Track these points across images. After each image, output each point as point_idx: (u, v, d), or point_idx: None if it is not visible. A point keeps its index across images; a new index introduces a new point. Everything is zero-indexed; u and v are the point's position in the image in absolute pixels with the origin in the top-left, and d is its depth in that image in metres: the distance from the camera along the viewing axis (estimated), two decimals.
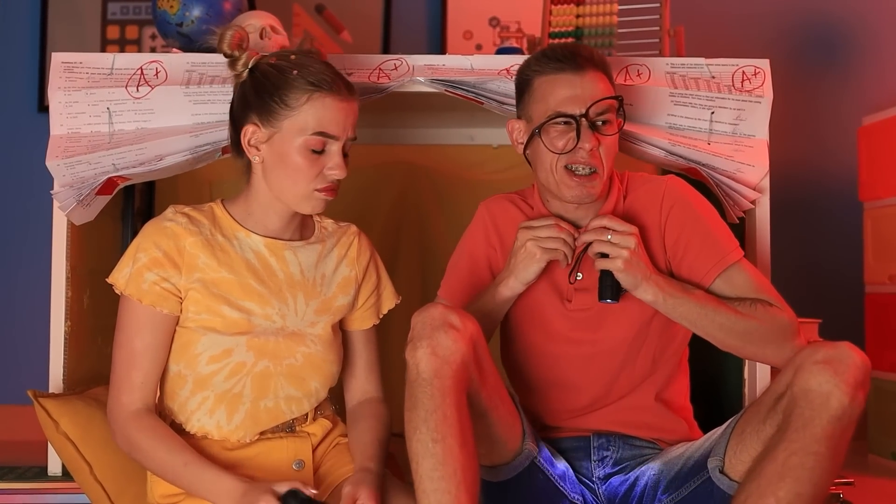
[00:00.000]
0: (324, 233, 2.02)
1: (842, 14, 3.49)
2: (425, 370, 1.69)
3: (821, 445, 1.63)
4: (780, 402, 1.72)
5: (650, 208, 1.98)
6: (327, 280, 1.98)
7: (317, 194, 1.88)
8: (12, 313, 3.31)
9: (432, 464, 1.64)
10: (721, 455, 1.81)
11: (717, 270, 1.92)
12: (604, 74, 1.94)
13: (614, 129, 1.94)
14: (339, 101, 1.86)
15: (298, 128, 1.85)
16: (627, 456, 1.98)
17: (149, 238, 1.87)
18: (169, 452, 1.80)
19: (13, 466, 2.38)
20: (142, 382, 1.85)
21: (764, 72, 2.26)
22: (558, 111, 1.90)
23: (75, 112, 2.21)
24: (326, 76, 1.86)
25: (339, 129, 1.86)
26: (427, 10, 3.46)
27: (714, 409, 2.35)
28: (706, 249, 1.94)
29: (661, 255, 1.96)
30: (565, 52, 1.93)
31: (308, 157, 1.86)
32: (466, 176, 3.06)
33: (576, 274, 1.95)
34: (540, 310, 1.99)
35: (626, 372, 1.98)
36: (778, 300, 1.92)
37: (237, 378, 1.86)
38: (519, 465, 1.89)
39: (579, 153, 1.89)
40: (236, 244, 1.91)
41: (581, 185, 1.91)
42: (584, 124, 1.89)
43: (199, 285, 1.86)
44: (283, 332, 1.90)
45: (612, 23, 2.48)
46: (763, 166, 2.22)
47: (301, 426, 1.93)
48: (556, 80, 1.91)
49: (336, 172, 1.87)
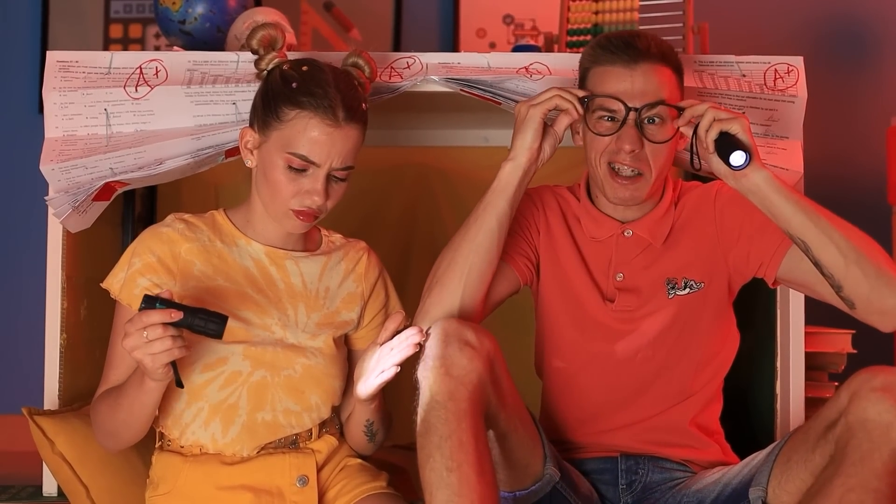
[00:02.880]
0: (331, 246, 1.99)
1: (870, 11, 3.43)
2: (439, 392, 1.60)
3: (881, 482, 1.53)
4: (832, 430, 1.62)
5: (702, 211, 1.94)
6: (331, 293, 1.94)
7: (291, 215, 1.83)
8: (10, 322, 3.27)
9: (447, 495, 1.55)
10: (764, 484, 1.71)
11: (784, 249, 1.85)
12: (664, 67, 1.85)
13: (665, 134, 1.85)
14: (327, 126, 1.78)
15: (283, 143, 1.80)
16: (657, 480, 1.90)
17: (144, 243, 1.86)
18: (108, 397, 1.80)
19: (7, 486, 2.35)
20: (115, 380, 1.83)
21: (798, 70, 2.17)
22: (602, 104, 1.84)
23: (71, 113, 2.16)
24: (323, 97, 1.79)
25: (320, 155, 1.79)
26: (439, 7, 3.42)
27: (744, 424, 2.28)
28: (767, 234, 1.87)
29: (716, 259, 1.91)
30: (619, 42, 1.86)
31: (286, 175, 1.80)
32: (481, 178, 2.95)
33: (696, 159, 1.84)
34: (580, 305, 1.94)
35: (662, 380, 1.91)
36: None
37: (232, 388, 1.83)
38: (540, 491, 1.81)
39: (621, 153, 1.83)
40: (236, 251, 1.89)
41: (623, 186, 1.86)
42: (629, 121, 1.82)
43: (194, 293, 1.83)
44: (282, 342, 1.87)
45: (633, 19, 2.43)
46: (797, 169, 2.14)
47: (305, 443, 1.89)
48: (607, 72, 1.85)
49: (311, 198, 1.81)
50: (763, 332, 2.22)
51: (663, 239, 1.93)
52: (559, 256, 1.97)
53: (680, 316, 1.90)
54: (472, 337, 1.66)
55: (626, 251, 1.93)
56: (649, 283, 1.92)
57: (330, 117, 1.78)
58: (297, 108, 1.79)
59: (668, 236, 1.93)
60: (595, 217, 1.96)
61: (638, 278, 1.91)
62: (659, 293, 1.91)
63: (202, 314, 1.64)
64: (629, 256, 1.93)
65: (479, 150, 2.96)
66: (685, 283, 1.91)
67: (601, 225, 1.95)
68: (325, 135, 1.78)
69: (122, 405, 1.76)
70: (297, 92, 1.79)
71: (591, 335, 1.93)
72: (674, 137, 1.86)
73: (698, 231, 1.92)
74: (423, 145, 2.94)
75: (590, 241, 1.96)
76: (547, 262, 1.98)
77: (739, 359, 1.98)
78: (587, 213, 1.97)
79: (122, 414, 1.77)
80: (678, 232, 1.94)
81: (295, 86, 1.80)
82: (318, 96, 1.78)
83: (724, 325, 1.96)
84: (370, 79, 1.97)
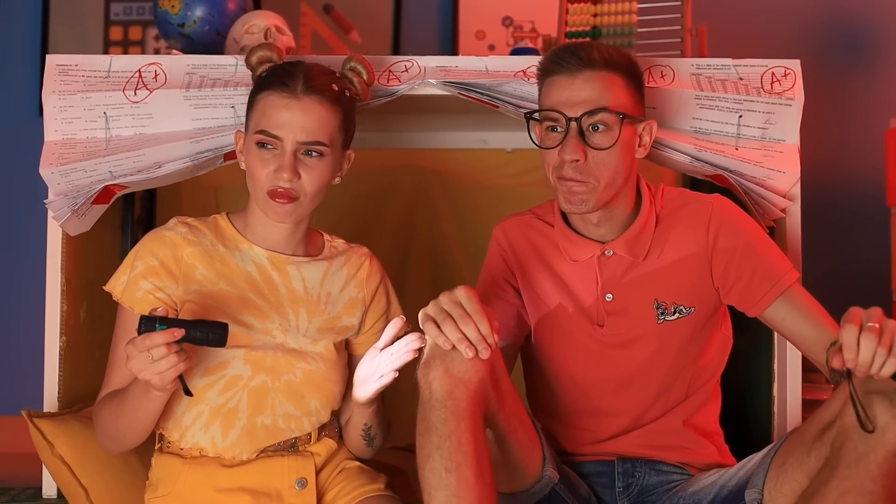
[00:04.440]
0: (333, 251, 1.99)
1: (867, 14, 3.41)
2: (438, 390, 1.59)
3: (876, 484, 1.52)
4: (827, 432, 1.61)
5: (694, 234, 1.88)
6: (333, 299, 1.94)
7: (268, 199, 1.83)
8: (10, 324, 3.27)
9: (446, 496, 1.54)
10: (760, 486, 1.70)
11: (768, 300, 1.85)
12: (610, 74, 1.81)
13: (609, 140, 1.81)
14: (284, 97, 1.81)
15: (252, 127, 1.85)
16: (654, 483, 1.90)
17: (147, 247, 1.86)
18: (111, 401, 1.79)
19: (6, 488, 2.34)
20: (118, 383, 1.82)
21: (794, 73, 2.17)
22: (546, 116, 1.82)
23: (70, 117, 2.16)
24: (283, 76, 1.83)
25: (281, 128, 1.81)
26: (438, 9, 3.41)
27: (741, 426, 2.27)
28: (757, 278, 1.85)
29: (706, 283, 1.88)
30: (565, 52, 1.83)
31: (258, 157, 1.83)
32: (480, 180, 3.01)
33: (862, 413, 1.56)
34: (570, 336, 1.91)
35: (661, 400, 1.90)
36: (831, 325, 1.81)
37: (232, 392, 1.82)
38: (539, 493, 1.80)
39: (564, 164, 1.80)
40: (238, 256, 1.89)
41: (570, 189, 1.81)
42: (571, 131, 1.79)
43: (196, 297, 1.83)
44: (282, 347, 1.86)
45: (632, 21, 2.41)
46: (794, 173, 2.14)
47: (304, 446, 1.89)
48: (553, 82, 1.83)
49: (281, 175, 1.81)
50: (760, 335, 2.21)
51: (644, 255, 1.88)
52: (538, 293, 1.94)
53: (672, 341, 1.87)
54: None
55: (611, 271, 1.89)
56: (638, 305, 1.88)
57: (286, 90, 1.81)
58: (259, 90, 1.85)
59: (650, 251, 1.89)
60: (573, 239, 1.91)
61: (627, 299, 1.87)
62: (648, 316, 1.87)
63: (202, 326, 1.64)
64: (615, 275, 1.89)
65: (478, 153, 2.95)
66: (675, 309, 1.88)
67: (580, 247, 1.90)
68: (283, 106, 1.81)
69: (126, 411, 1.76)
70: (265, 79, 1.86)
71: (585, 364, 1.91)
72: (617, 143, 1.81)
73: (688, 251, 1.88)
74: (421, 147, 2.93)
75: (571, 264, 1.92)
76: (529, 302, 1.96)
77: (737, 361, 1.97)
78: (564, 237, 1.92)
79: (126, 419, 1.77)
80: (664, 247, 1.89)
81: (264, 75, 1.87)
82: (279, 75, 1.84)
83: (717, 332, 1.95)
84: (368, 83, 1.98)
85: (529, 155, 1.92)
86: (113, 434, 1.83)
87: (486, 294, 1.96)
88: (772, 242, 1.93)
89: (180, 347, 1.63)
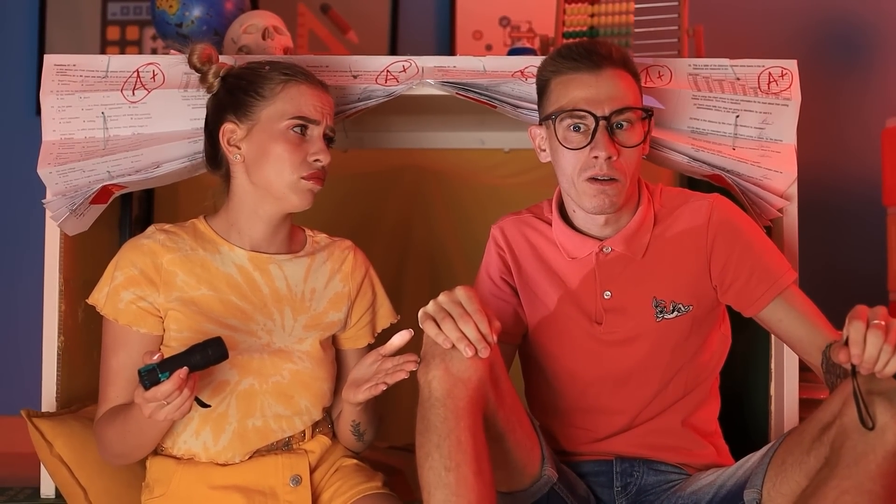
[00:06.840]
0: (315, 246, 1.98)
1: (864, 13, 3.41)
2: (438, 389, 1.59)
3: (875, 484, 1.51)
4: (826, 432, 1.61)
5: (693, 231, 1.88)
6: (317, 295, 1.93)
7: (303, 182, 1.85)
8: (8, 324, 3.27)
9: (445, 495, 1.55)
10: (758, 486, 1.69)
11: (765, 301, 1.85)
12: (626, 72, 1.84)
13: (637, 137, 1.83)
14: (313, 88, 1.89)
15: (277, 115, 1.85)
16: (652, 482, 1.89)
17: (126, 256, 1.86)
18: (115, 420, 1.78)
19: (5, 487, 2.34)
20: (115, 397, 1.82)
21: (791, 73, 2.17)
22: (572, 112, 1.80)
23: (68, 117, 2.15)
24: (299, 70, 1.89)
25: (317, 113, 1.87)
26: (435, 9, 3.41)
27: (739, 426, 2.27)
28: (754, 278, 1.85)
29: (704, 281, 1.88)
30: (581, 49, 1.83)
31: (289, 142, 1.85)
32: (477, 181, 3.01)
33: (864, 411, 1.56)
34: (568, 334, 1.91)
35: (658, 398, 1.90)
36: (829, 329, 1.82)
37: (220, 397, 1.82)
38: (537, 492, 1.81)
39: (598, 162, 1.80)
40: (219, 259, 1.88)
41: (604, 193, 1.81)
42: (601, 127, 1.79)
43: (178, 304, 1.83)
44: (268, 348, 1.86)
45: (629, 22, 2.41)
46: (791, 173, 2.14)
47: (298, 444, 1.89)
48: (572, 80, 1.82)
49: (320, 157, 1.86)
50: (757, 334, 2.21)
51: (642, 252, 1.88)
52: (536, 291, 1.94)
53: (670, 339, 1.87)
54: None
55: (610, 268, 1.89)
56: (636, 302, 1.88)
57: (314, 81, 1.89)
58: (282, 80, 1.86)
59: (648, 249, 1.89)
60: (571, 236, 1.91)
61: (625, 297, 1.87)
62: (646, 314, 1.87)
63: (198, 350, 1.65)
64: (614, 273, 1.88)
65: (476, 153, 2.95)
66: (674, 307, 1.88)
67: (578, 243, 1.90)
68: (315, 95, 1.88)
69: (132, 431, 1.76)
70: (273, 70, 1.88)
71: (584, 363, 1.91)
72: (645, 140, 1.84)
73: (686, 251, 1.88)
74: (418, 148, 2.93)
75: (569, 262, 1.91)
76: (527, 301, 1.96)
77: (734, 360, 1.97)
78: (563, 234, 1.92)
79: (133, 439, 1.77)
80: (663, 245, 1.89)
81: (267, 68, 1.89)
82: (295, 69, 1.89)
83: (716, 331, 1.95)
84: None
85: (527, 155, 1.92)
86: (119, 452, 1.82)
87: (483, 293, 1.97)
88: (771, 243, 1.93)
89: (187, 376, 1.63)
